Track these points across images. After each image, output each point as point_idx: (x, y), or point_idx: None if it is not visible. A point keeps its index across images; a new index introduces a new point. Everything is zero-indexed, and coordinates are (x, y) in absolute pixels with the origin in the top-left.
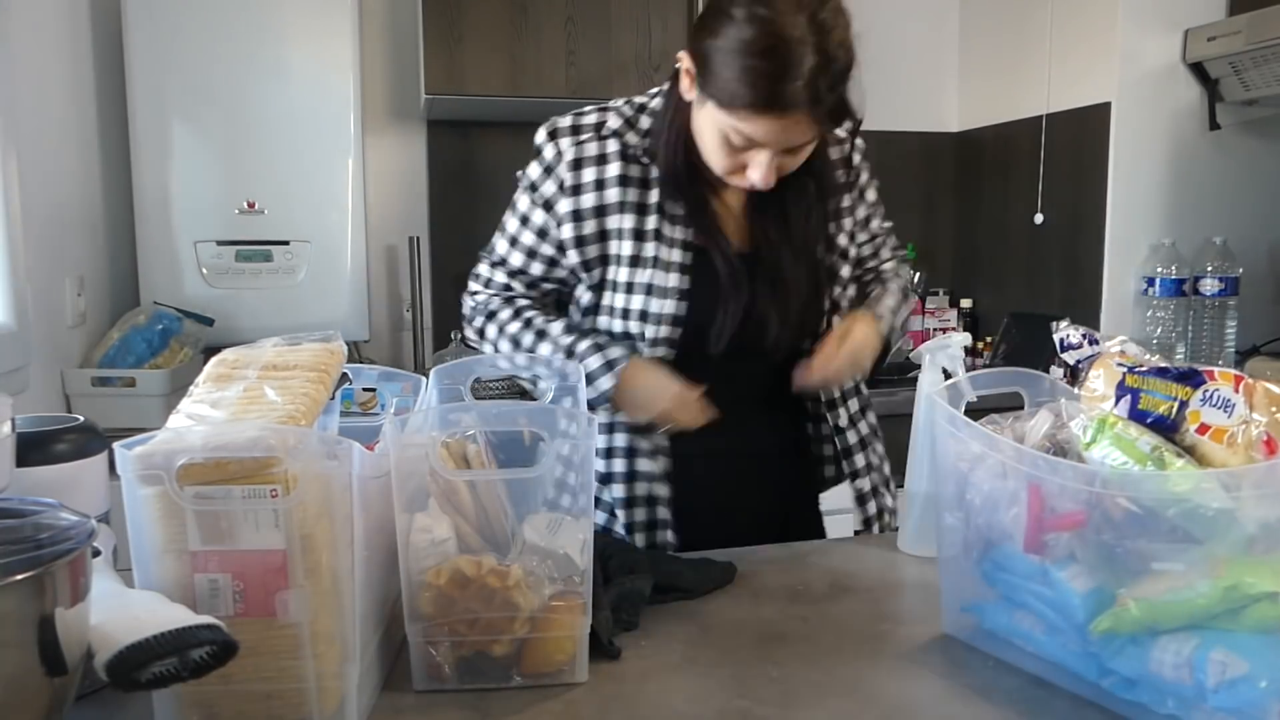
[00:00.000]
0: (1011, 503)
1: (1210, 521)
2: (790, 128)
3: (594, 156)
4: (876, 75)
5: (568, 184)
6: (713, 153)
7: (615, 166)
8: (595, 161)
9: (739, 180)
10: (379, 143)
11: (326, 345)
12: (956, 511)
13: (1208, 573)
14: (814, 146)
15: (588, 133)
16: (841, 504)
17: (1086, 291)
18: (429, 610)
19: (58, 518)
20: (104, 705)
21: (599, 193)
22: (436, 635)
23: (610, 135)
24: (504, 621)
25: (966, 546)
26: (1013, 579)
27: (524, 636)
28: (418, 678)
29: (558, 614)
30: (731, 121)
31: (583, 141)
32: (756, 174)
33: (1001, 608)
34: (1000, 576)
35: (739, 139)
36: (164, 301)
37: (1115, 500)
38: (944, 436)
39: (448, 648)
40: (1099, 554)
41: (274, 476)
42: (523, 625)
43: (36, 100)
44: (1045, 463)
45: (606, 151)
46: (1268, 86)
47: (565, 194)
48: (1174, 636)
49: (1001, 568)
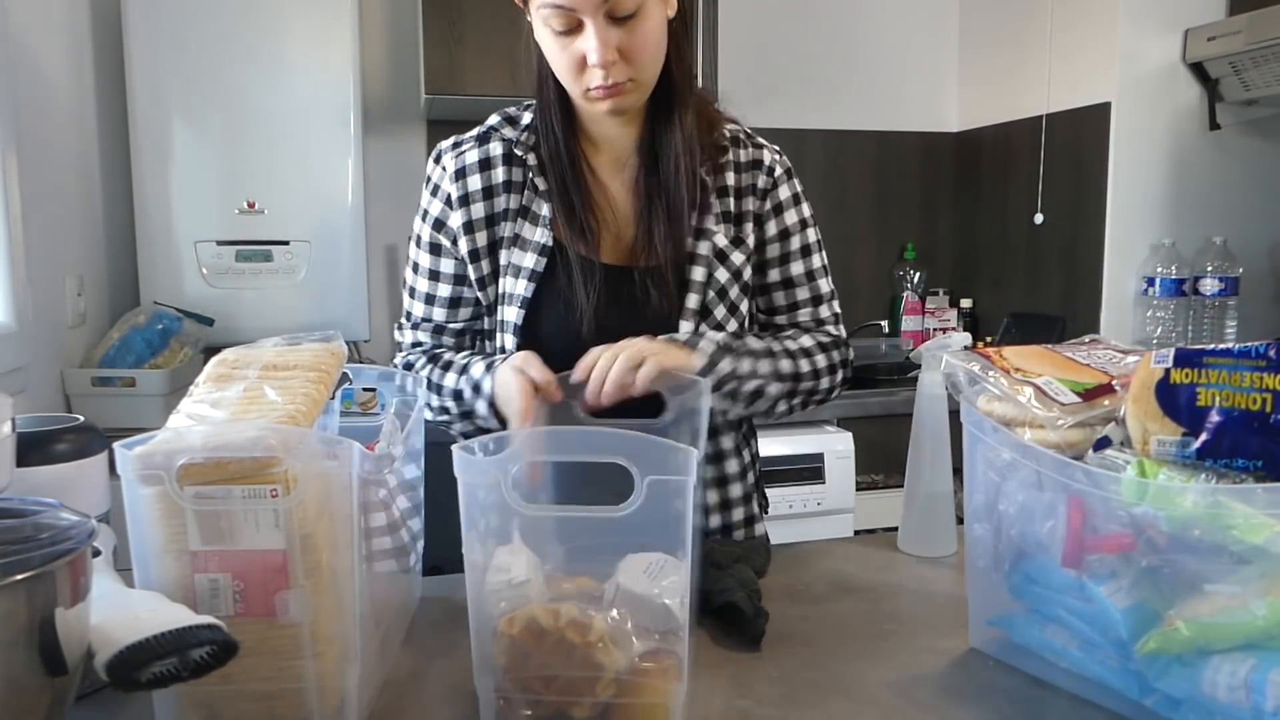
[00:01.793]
0: (1048, 515)
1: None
2: None
3: (476, 163)
4: (876, 75)
5: (455, 196)
6: (554, 60)
7: (501, 171)
8: (479, 168)
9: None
10: (379, 143)
11: (327, 345)
12: (986, 522)
13: (1262, 593)
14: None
15: (468, 143)
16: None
17: (1086, 291)
18: (501, 661)
19: (58, 518)
20: (104, 705)
21: (488, 201)
22: (509, 691)
23: (489, 135)
24: (585, 683)
25: (996, 558)
26: (1045, 592)
27: (608, 700)
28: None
29: (648, 678)
30: (544, 1)
31: (463, 151)
32: (592, 52)
33: (1033, 621)
34: (1031, 589)
35: (558, 19)
36: (164, 301)
37: (1161, 529)
38: (973, 443)
39: (521, 704)
40: (1144, 572)
41: (274, 476)
42: (606, 688)
43: (36, 100)
44: (1087, 475)
45: (490, 155)
46: (1268, 86)
47: (454, 207)
48: (1227, 657)
49: (1033, 580)
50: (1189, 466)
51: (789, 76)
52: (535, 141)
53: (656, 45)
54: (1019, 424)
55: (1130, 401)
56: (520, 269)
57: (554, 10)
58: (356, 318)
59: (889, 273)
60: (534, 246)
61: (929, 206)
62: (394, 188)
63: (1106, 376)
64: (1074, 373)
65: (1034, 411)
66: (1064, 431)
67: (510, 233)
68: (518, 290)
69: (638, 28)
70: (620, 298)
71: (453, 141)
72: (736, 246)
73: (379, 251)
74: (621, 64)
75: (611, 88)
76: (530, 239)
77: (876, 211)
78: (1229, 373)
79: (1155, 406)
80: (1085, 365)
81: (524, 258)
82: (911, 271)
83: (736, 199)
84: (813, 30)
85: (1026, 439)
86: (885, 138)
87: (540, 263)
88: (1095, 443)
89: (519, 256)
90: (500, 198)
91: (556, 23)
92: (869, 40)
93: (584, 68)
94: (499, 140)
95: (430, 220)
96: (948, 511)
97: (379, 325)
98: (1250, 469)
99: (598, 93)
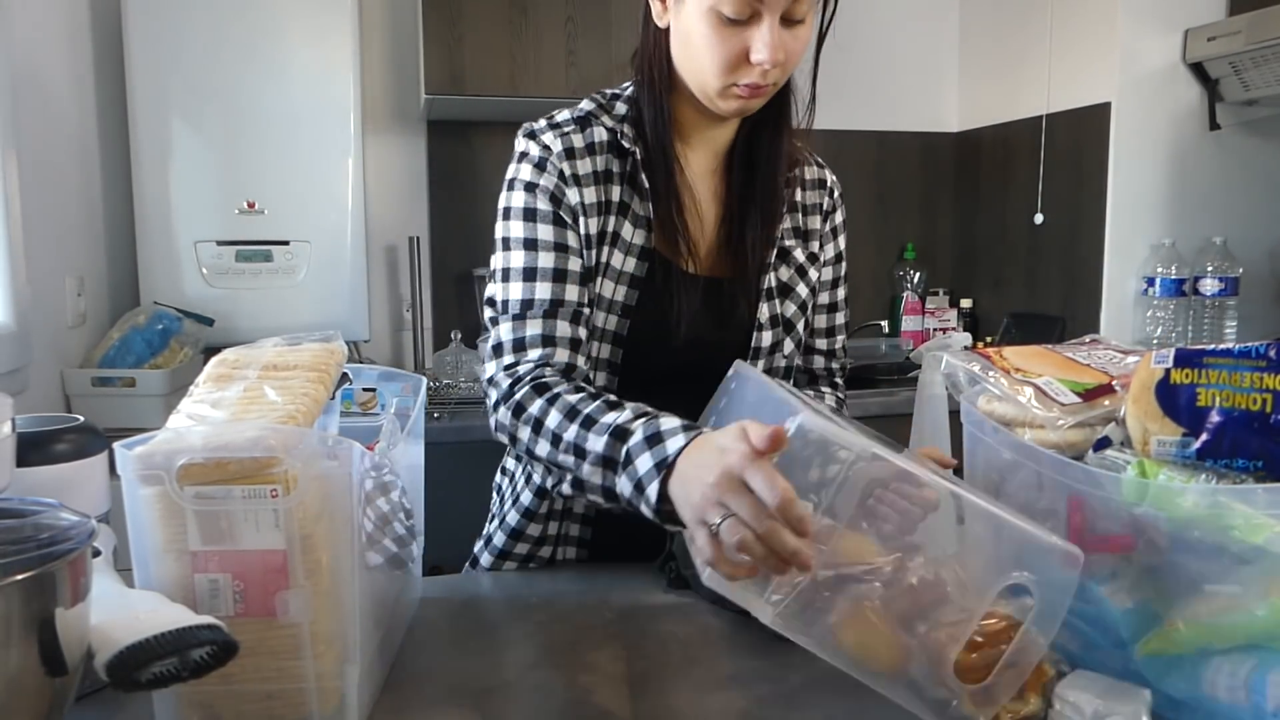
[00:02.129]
0: (1048, 515)
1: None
2: None
3: (584, 146)
4: (876, 75)
5: (568, 174)
6: (709, 50)
7: (608, 159)
8: (588, 151)
9: (746, 78)
10: (379, 143)
11: (326, 345)
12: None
13: (1262, 593)
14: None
15: (568, 124)
16: None
17: (1086, 291)
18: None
19: (58, 518)
20: (104, 705)
21: (599, 186)
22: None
23: (589, 119)
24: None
25: None
26: None
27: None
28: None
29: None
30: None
31: (567, 132)
32: (764, 46)
33: None
34: None
35: (736, 8)
36: (164, 301)
37: (1162, 530)
38: (973, 443)
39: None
40: (1144, 572)
41: (274, 476)
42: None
43: (36, 100)
44: (1088, 475)
45: (595, 141)
46: (1268, 86)
47: (569, 184)
48: (1228, 657)
49: None
50: (1189, 467)
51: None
52: (635, 135)
53: (804, 51)
54: (1019, 424)
55: (1130, 402)
56: (621, 273)
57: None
58: (356, 318)
59: (889, 273)
60: (634, 250)
61: (929, 206)
62: (394, 188)
63: (1106, 377)
64: (1074, 373)
65: (1034, 412)
66: (1064, 432)
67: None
68: (617, 296)
69: (800, 34)
70: (710, 307)
71: (548, 121)
72: (813, 263)
73: (379, 251)
74: (778, 67)
75: (759, 88)
76: (630, 241)
77: (876, 211)
78: (1229, 373)
79: (1155, 407)
80: (1085, 365)
81: (624, 261)
82: (911, 271)
83: (804, 215)
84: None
85: (1026, 439)
86: (885, 138)
87: (642, 268)
88: (1095, 443)
89: (617, 259)
90: (613, 186)
91: (731, 9)
92: (869, 40)
93: (742, 62)
94: (600, 126)
95: (544, 193)
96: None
97: (379, 325)
98: (1250, 469)
99: (744, 90)
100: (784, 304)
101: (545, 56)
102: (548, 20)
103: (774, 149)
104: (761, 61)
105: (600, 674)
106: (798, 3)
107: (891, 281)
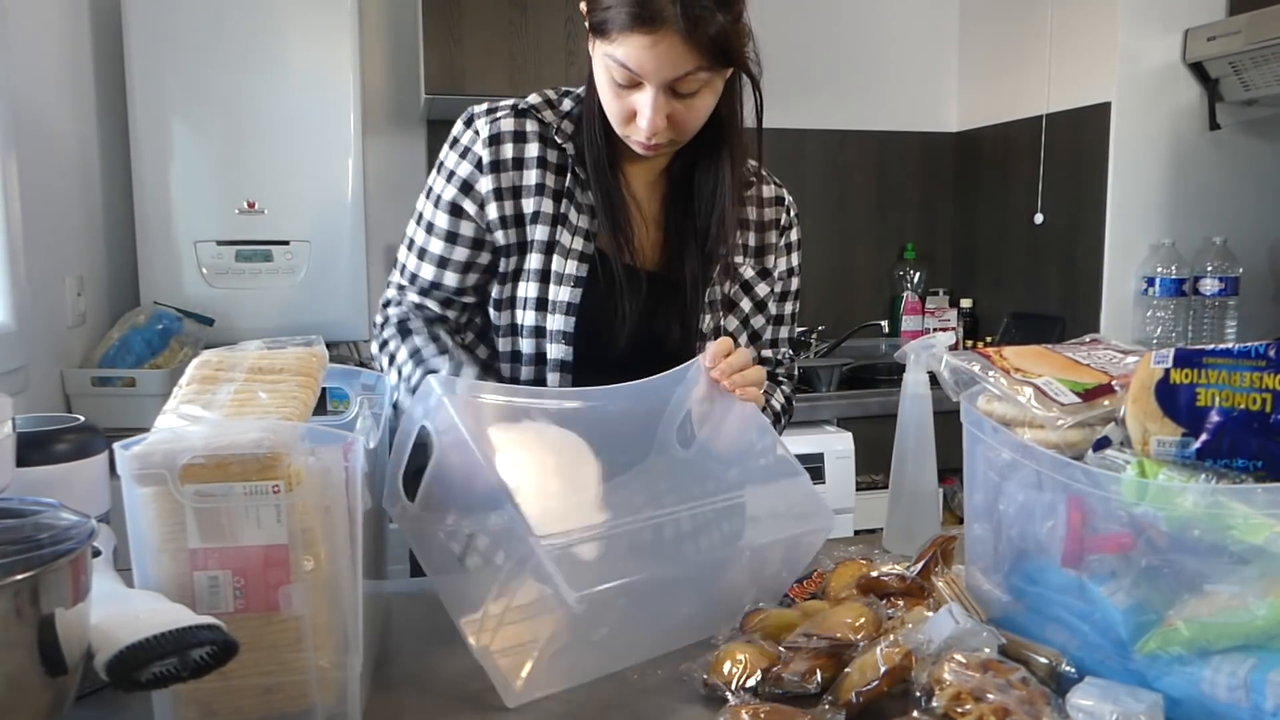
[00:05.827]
0: (1048, 515)
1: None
2: (666, 54)
3: (511, 133)
4: (876, 75)
5: (486, 161)
6: (606, 99)
7: (534, 146)
8: (513, 138)
9: (635, 133)
10: (379, 143)
11: (309, 349)
12: (985, 522)
13: (1262, 593)
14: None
15: (504, 111)
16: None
17: (1086, 291)
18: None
19: (58, 518)
20: (104, 705)
21: (518, 172)
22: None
23: (527, 111)
24: None
25: (996, 558)
26: (1045, 592)
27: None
28: None
29: None
30: (610, 50)
31: (499, 118)
32: (643, 116)
33: (1032, 622)
34: (1030, 590)
35: (620, 75)
36: (164, 301)
37: (1161, 529)
38: (973, 443)
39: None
40: (1143, 572)
41: (275, 473)
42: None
43: (36, 100)
44: (1087, 475)
45: (525, 129)
46: (1268, 86)
47: (484, 172)
48: (1227, 657)
49: (1033, 581)
50: (1189, 466)
51: (789, 76)
52: (574, 131)
53: (704, 117)
54: (1019, 424)
55: (1130, 402)
56: (563, 276)
57: (619, 66)
58: (356, 318)
59: (889, 272)
60: (574, 254)
61: (929, 206)
62: (394, 188)
63: (1106, 376)
64: (1074, 373)
65: (1034, 411)
66: (1064, 431)
67: (537, 211)
68: (561, 297)
69: (694, 104)
70: (654, 298)
71: (487, 107)
72: (763, 279)
73: (379, 251)
74: (667, 130)
75: (654, 146)
76: (570, 241)
77: (876, 211)
78: (1229, 373)
79: (1155, 407)
80: (1085, 365)
81: (565, 264)
82: (911, 271)
83: (759, 232)
84: (813, 30)
85: (1026, 439)
86: (885, 138)
87: (583, 269)
88: (1095, 443)
89: (559, 263)
90: (532, 171)
91: (619, 76)
92: (869, 40)
93: (632, 119)
94: (535, 120)
95: (456, 181)
96: (932, 510)
97: None
98: (1250, 469)
99: (636, 144)
100: (727, 318)
101: (545, 56)
102: (548, 20)
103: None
104: (642, 129)
105: (603, 684)
106: (683, 80)
107: (891, 281)
